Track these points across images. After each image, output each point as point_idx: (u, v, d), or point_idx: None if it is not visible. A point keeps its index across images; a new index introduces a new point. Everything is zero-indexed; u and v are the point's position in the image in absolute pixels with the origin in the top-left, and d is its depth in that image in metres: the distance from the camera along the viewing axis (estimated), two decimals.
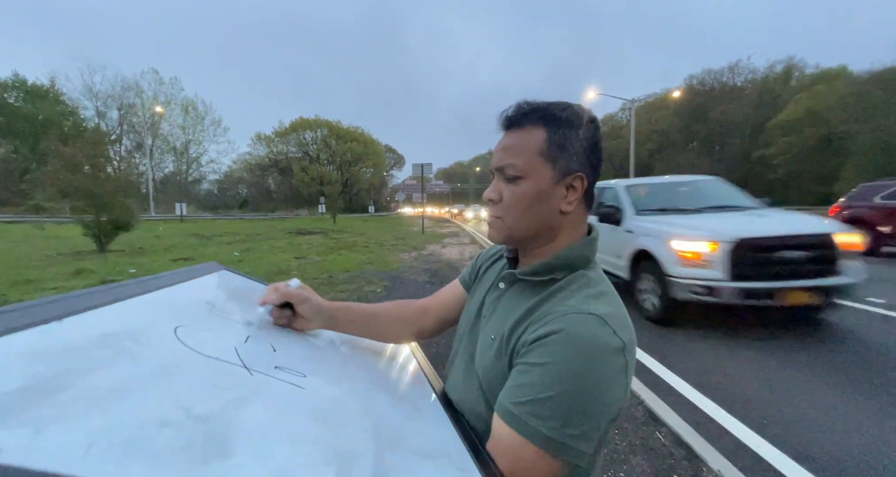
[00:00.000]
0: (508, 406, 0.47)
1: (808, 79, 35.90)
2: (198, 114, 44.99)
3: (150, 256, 8.28)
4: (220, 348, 0.47)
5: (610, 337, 0.46)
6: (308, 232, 16.02)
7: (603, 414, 0.45)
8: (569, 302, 0.51)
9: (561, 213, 0.56)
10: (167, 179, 44.77)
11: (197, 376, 0.39)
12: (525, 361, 0.48)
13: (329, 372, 0.55)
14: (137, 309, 0.50)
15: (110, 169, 10.93)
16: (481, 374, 0.57)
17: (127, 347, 0.39)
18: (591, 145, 0.55)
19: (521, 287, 0.59)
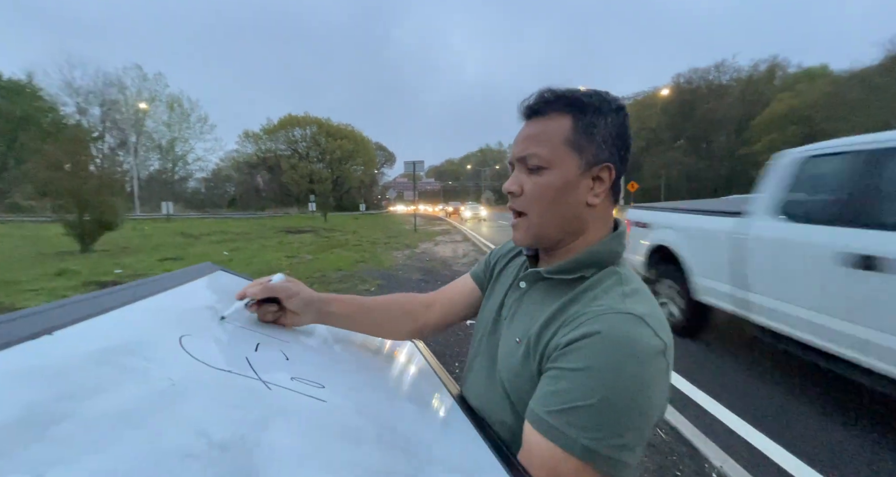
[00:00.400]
0: (542, 415, 0.43)
1: (790, 78, 36.68)
2: (183, 111, 44.08)
3: (137, 256, 8.07)
4: (230, 359, 0.43)
5: (651, 338, 0.43)
6: (299, 230, 15.83)
7: (647, 422, 0.42)
8: (602, 301, 0.47)
9: (587, 206, 0.53)
10: (152, 178, 43.80)
11: (212, 394, 0.35)
12: (558, 365, 0.45)
13: (346, 381, 0.51)
14: (135, 317, 0.45)
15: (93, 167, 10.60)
16: (506, 379, 0.53)
17: (130, 364, 0.35)
18: (619, 134, 0.52)
19: (546, 286, 0.56)
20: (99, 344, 0.36)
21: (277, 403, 0.38)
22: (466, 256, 7.98)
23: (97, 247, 8.99)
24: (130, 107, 39.75)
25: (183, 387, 0.34)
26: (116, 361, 0.34)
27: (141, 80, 41.03)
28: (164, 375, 0.35)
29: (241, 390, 0.37)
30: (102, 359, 0.34)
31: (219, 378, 0.38)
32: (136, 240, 11.54)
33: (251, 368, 0.42)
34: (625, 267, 0.54)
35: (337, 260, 7.43)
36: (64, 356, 0.33)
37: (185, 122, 44.31)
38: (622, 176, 0.54)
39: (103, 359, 0.34)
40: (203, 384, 0.36)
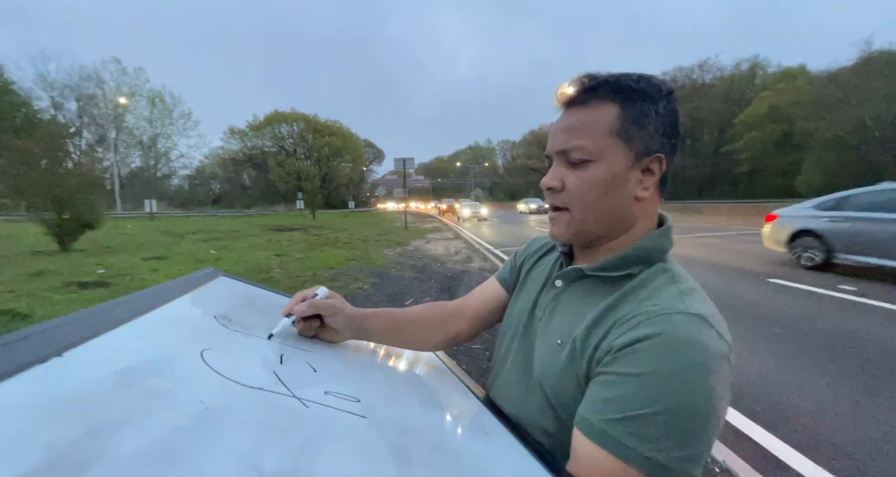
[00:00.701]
0: (597, 423, 0.40)
1: (771, 77, 37.57)
2: (165, 106, 42.88)
3: (120, 255, 7.82)
4: (258, 374, 0.39)
5: (717, 341, 0.40)
6: (287, 228, 15.57)
7: (713, 431, 0.39)
8: (658, 300, 0.44)
9: (636, 201, 0.49)
10: (134, 175, 42.58)
11: (250, 417, 0.32)
12: (613, 370, 0.41)
13: (378, 393, 0.48)
14: (147, 331, 0.41)
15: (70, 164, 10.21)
16: (547, 384, 0.50)
17: (154, 386, 0.31)
18: (671, 122, 0.48)
19: (588, 284, 0.52)
20: (115, 365, 0.32)
21: (319, 423, 0.34)
22: (459, 254, 7.96)
23: (77, 246, 8.68)
24: (109, 102, 38.46)
25: (217, 410, 0.30)
26: (139, 383, 0.31)
27: (120, 75, 39.76)
28: (194, 398, 0.31)
29: (279, 410, 0.34)
30: (123, 382, 0.30)
31: (252, 397, 0.34)
32: (119, 239, 11.19)
33: (282, 383, 0.38)
34: (674, 264, 0.51)
35: (328, 258, 7.33)
36: (79, 381, 0.29)
37: (168, 117, 43.15)
38: (671, 166, 0.50)
39: (124, 382, 0.30)
40: (238, 406, 0.32)
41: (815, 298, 4.00)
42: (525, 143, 70.70)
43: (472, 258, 7.36)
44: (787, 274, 5.04)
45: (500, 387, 0.60)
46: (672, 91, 0.49)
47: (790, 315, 3.48)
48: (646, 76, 0.49)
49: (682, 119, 0.51)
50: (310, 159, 51.99)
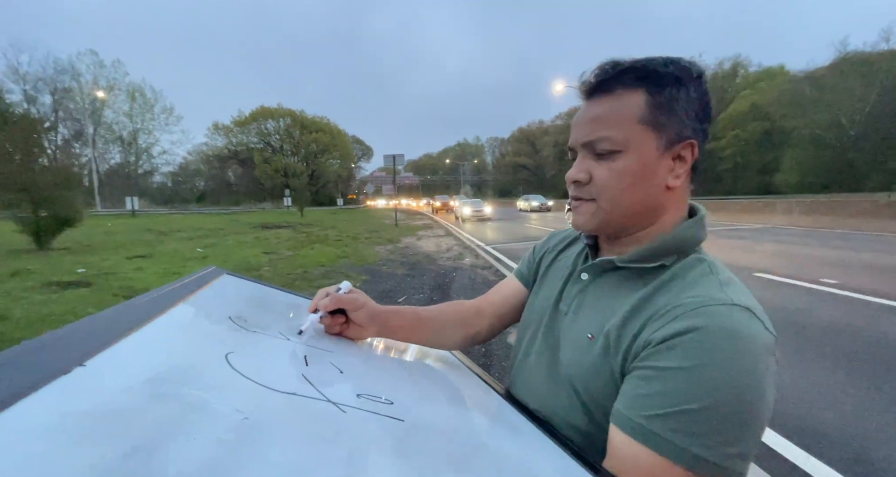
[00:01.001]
0: (638, 419, 0.39)
1: (752, 76, 38.41)
2: (146, 101, 41.67)
3: (101, 254, 7.58)
4: (288, 378, 0.37)
5: (763, 333, 0.39)
6: (275, 226, 15.33)
7: (762, 425, 0.38)
8: (697, 291, 0.42)
9: (667, 190, 0.48)
10: (114, 171, 41.33)
11: (291, 427, 0.29)
12: (654, 364, 0.40)
13: (408, 394, 0.46)
14: (163, 336, 0.38)
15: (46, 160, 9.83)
16: (577, 379, 0.49)
17: (188, 395, 0.28)
18: (702, 106, 0.47)
19: (618, 277, 0.50)
20: (142, 373, 0.30)
21: (360, 429, 0.32)
22: (450, 251, 7.95)
23: (56, 245, 8.38)
24: (86, 96, 37.19)
25: (257, 420, 0.28)
26: (171, 393, 0.28)
27: (97, 67, 38.44)
28: (230, 407, 0.29)
29: (318, 417, 0.32)
30: (156, 393, 0.28)
31: (288, 404, 0.32)
32: (100, 237, 10.85)
33: (313, 387, 0.36)
34: (708, 254, 0.50)
35: (318, 256, 7.24)
36: (110, 393, 0.26)
37: (149, 112, 41.96)
38: (703, 152, 0.49)
39: (157, 393, 0.28)
40: (276, 414, 0.30)
41: (802, 291, 4.11)
42: (513, 140, 70.98)
43: (463, 255, 7.36)
44: (771, 268, 5.17)
45: (523, 382, 0.59)
46: (702, 73, 0.47)
47: (777, 308, 3.57)
48: (674, 59, 0.47)
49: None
50: (297, 156, 51.24)
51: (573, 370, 0.49)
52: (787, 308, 3.58)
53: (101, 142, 39.82)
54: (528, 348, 0.60)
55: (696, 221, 0.50)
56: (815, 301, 3.77)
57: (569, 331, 0.53)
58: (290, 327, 0.54)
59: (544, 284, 0.63)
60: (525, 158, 65.31)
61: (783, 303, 3.74)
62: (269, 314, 0.59)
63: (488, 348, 2.83)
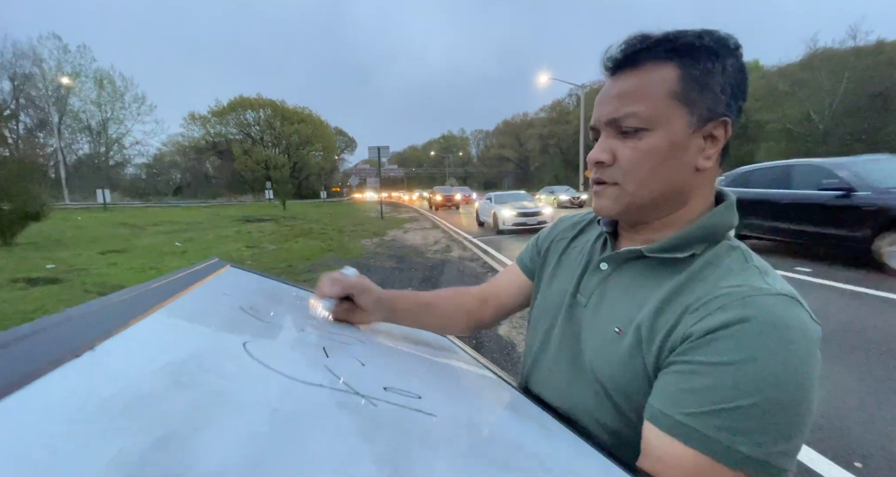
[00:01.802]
0: (679, 417, 0.36)
1: None
2: (116, 89, 39.72)
3: (72, 249, 7.23)
4: (311, 370, 0.34)
5: (811, 323, 0.37)
6: (257, 219, 14.95)
7: (811, 419, 0.36)
8: (737, 280, 0.40)
9: (696, 172, 0.45)
10: (83, 163, 39.43)
11: (325, 421, 0.27)
12: (694, 358, 0.37)
13: (436, 388, 0.43)
14: (175, 322, 0.35)
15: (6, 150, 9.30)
16: (604, 375, 0.46)
17: (211, 383, 0.26)
18: (739, 81, 0.43)
19: (642, 267, 0.47)
20: (159, 359, 0.27)
21: (395, 424, 0.30)
22: (438, 243, 7.92)
23: (22, 239, 7.96)
24: (49, 82, 35.13)
25: (287, 413, 0.26)
26: (194, 380, 0.26)
27: (62, 52, 36.31)
28: (259, 398, 0.27)
29: (352, 411, 0.29)
30: (175, 379, 0.25)
31: (317, 397, 0.30)
32: (70, 231, 10.35)
33: (340, 379, 0.33)
34: (738, 242, 0.47)
35: (302, 249, 7.10)
36: (127, 379, 0.23)
37: (119, 101, 40.05)
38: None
39: (178, 380, 0.25)
40: (306, 407, 0.28)
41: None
42: (498, 133, 70.95)
43: (451, 248, 7.34)
44: None
45: (542, 379, 0.56)
46: (739, 46, 0.44)
47: None
48: (709, 31, 0.44)
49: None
50: (278, 148, 49.97)
51: (599, 365, 0.47)
52: None
53: (68, 131, 37.88)
54: (545, 343, 0.57)
55: (727, 207, 0.47)
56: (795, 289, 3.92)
57: (591, 324, 0.50)
58: (303, 317, 0.51)
59: (558, 274, 0.60)
60: (510, 151, 65.40)
61: None
62: (279, 305, 0.56)
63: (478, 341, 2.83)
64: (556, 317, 0.56)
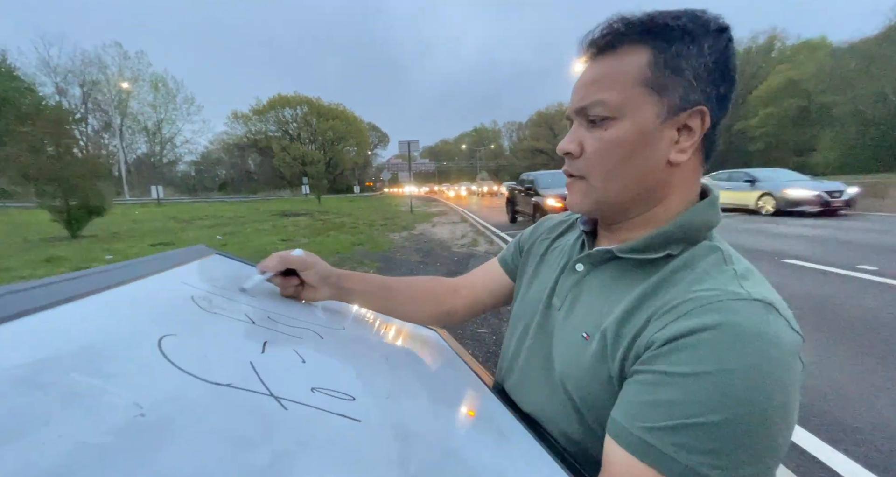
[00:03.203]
0: (638, 432, 0.33)
1: (789, 50, 35.94)
2: (168, 91, 42.62)
3: (127, 242, 7.88)
4: (230, 366, 0.32)
5: (787, 332, 0.33)
6: (293, 214, 15.57)
7: (785, 440, 0.32)
8: (710, 284, 0.36)
9: (669, 165, 0.41)
10: (140, 161, 42.81)
11: (202, 426, 0.24)
12: (657, 368, 0.34)
13: (377, 387, 0.41)
14: (101, 311, 0.34)
15: (77, 150, 10.24)
16: (571, 383, 0.43)
17: (78, 385, 0.23)
18: (720, 65, 0.39)
19: (617, 268, 0.44)
20: (35, 354, 0.25)
21: (298, 430, 0.28)
22: (465, 237, 7.88)
23: (86, 232, 8.77)
24: (113, 87, 38.26)
25: (157, 418, 0.23)
26: (56, 381, 0.23)
27: (122, 59, 39.41)
28: (128, 401, 0.24)
29: (246, 415, 0.27)
30: (34, 379, 0.22)
31: (214, 397, 0.27)
32: (126, 225, 11.28)
33: (258, 377, 0.32)
34: (722, 242, 0.43)
35: (333, 243, 7.30)
36: None
37: (171, 102, 42.97)
38: (719, 124, 0.41)
39: (35, 379, 0.22)
40: (190, 410, 0.25)
41: (835, 278, 3.87)
42: (531, 125, 69.32)
43: (477, 242, 7.29)
44: (802, 254, 4.89)
45: (515, 382, 0.54)
46: (725, 28, 0.39)
47: (806, 296, 3.38)
48: (692, 11, 0.40)
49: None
50: (314, 144, 51.67)
51: (567, 373, 0.44)
52: (818, 296, 3.37)
53: (128, 132, 41.19)
54: (519, 346, 0.54)
55: (708, 204, 0.43)
56: (851, 289, 3.54)
57: (562, 329, 0.47)
58: (265, 308, 0.50)
59: (539, 275, 0.56)
60: (543, 143, 63.71)
61: (813, 291, 3.54)
62: (244, 296, 0.55)
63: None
64: (532, 319, 0.53)
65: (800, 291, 3.50)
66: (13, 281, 4.54)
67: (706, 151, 0.43)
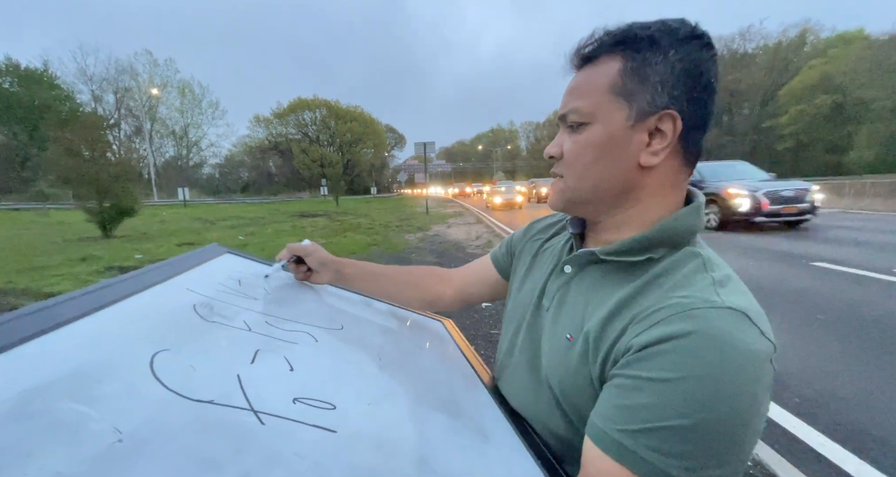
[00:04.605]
0: (614, 434, 0.35)
1: (823, 43, 34.30)
2: (195, 96, 44.29)
3: (156, 241, 8.23)
4: (216, 381, 0.34)
5: (759, 341, 0.34)
6: (311, 214, 15.90)
7: (752, 445, 0.34)
8: (687, 291, 0.37)
9: (640, 168, 0.42)
10: (168, 164, 44.59)
11: (176, 448, 0.25)
12: (634, 373, 0.36)
13: (363, 393, 0.42)
14: (101, 329, 0.37)
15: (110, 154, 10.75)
16: (556, 383, 0.45)
17: (62, 413, 0.24)
18: (688, 71, 0.40)
19: (601, 270, 0.46)
20: (28, 381, 0.26)
21: (270, 447, 0.28)
22: (479, 238, 7.87)
23: (118, 233, 9.20)
24: (143, 93, 40.00)
25: (134, 442, 0.24)
26: (43, 409, 0.24)
27: (152, 66, 41.18)
28: (109, 427, 0.25)
29: (221, 434, 0.28)
30: (23, 409, 0.23)
31: (194, 417, 0.29)
32: (155, 226, 11.77)
33: (242, 391, 0.33)
34: (705, 247, 0.43)
35: (350, 243, 7.42)
36: None
37: (197, 107, 44.63)
38: (705, 129, 0.42)
39: (25, 409, 0.23)
40: (167, 432, 0.26)
41: (868, 282, 3.67)
42: (549, 124, 68.51)
43: (493, 243, 7.27)
44: (833, 257, 4.66)
45: (507, 381, 0.56)
46: (696, 35, 0.41)
47: (835, 300, 3.22)
48: (662, 21, 0.42)
49: (719, 93, 0.43)
50: (332, 146, 52.57)
51: (552, 374, 0.46)
52: (849, 300, 3.22)
53: (157, 136, 42.97)
54: (512, 346, 0.56)
55: (691, 209, 0.44)
56: (886, 294, 3.36)
57: (550, 330, 0.49)
58: (265, 309, 0.54)
59: (530, 276, 0.58)
60: None
61: (843, 295, 3.37)
62: (247, 299, 0.58)
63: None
64: (522, 320, 0.55)
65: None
66: (50, 278, 4.82)
67: (687, 155, 0.43)
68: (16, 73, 33.25)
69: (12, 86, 32.91)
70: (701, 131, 0.42)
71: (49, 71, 35.21)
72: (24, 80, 33.09)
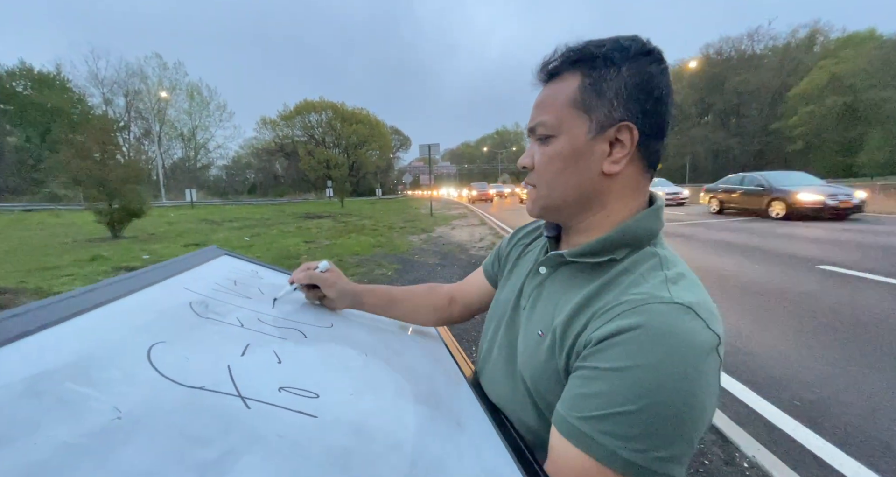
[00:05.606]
0: (574, 421, 0.38)
1: (833, 44, 33.92)
2: (203, 99, 44.83)
3: (163, 242, 8.35)
4: (207, 370, 0.37)
5: (703, 332, 0.37)
6: (316, 216, 16.02)
7: (697, 428, 0.36)
8: (641, 288, 0.41)
9: (604, 176, 0.46)
10: (176, 166, 45.14)
11: (169, 426, 0.28)
12: (591, 364, 0.39)
13: (347, 383, 0.45)
14: (105, 322, 0.40)
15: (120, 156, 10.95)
16: (528, 376, 0.48)
17: (69, 393, 0.28)
18: (640, 85, 0.43)
19: (570, 271, 0.49)
20: (36, 367, 0.29)
21: (254, 428, 0.31)
22: (483, 240, 7.89)
23: (126, 233, 9.35)
24: (153, 96, 40.60)
25: (131, 420, 0.27)
26: (51, 390, 0.27)
27: (161, 69, 41.77)
28: (109, 406, 0.28)
29: (210, 415, 0.31)
30: (32, 389, 0.27)
31: (186, 400, 0.31)
32: (163, 227, 11.94)
33: (231, 380, 0.36)
34: (664, 247, 0.47)
35: (354, 245, 7.47)
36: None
37: (205, 109, 45.18)
38: (662, 137, 0.45)
39: (34, 389, 0.27)
40: (161, 412, 0.29)
41: (873, 286, 3.64)
42: None
43: (496, 244, 7.28)
44: (839, 260, 4.62)
45: (487, 377, 0.59)
46: (648, 51, 0.44)
47: (841, 304, 3.19)
48: (616, 39, 0.45)
49: (727, 95, 0.46)
50: (338, 148, 52.88)
51: (525, 368, 0.49)
52: (853, 304, 3.19)
53: (166, 139, 43.55)
54: (492, 341, 0.60)
55: (651, 212, 0.47)
56: (891, 297, 3.33)
57: (525, 327, 0.52)
58: (256, 308, 0.56)
59: (511, 278, 0.62)
60: None
61: (849, 298, 3.34)
62: (241, 298, 0.61)
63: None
64: (502, 318, 0.59)
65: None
66: (60, 277, 4.92)
67: (648, 161, 0.47)
68: (29, 76, 33.95)
69: (26, 89, 33.59)
70: (657, 139, 0.45)
71: (61, 74, 35.93)
72: (37, 84, 33.78)
